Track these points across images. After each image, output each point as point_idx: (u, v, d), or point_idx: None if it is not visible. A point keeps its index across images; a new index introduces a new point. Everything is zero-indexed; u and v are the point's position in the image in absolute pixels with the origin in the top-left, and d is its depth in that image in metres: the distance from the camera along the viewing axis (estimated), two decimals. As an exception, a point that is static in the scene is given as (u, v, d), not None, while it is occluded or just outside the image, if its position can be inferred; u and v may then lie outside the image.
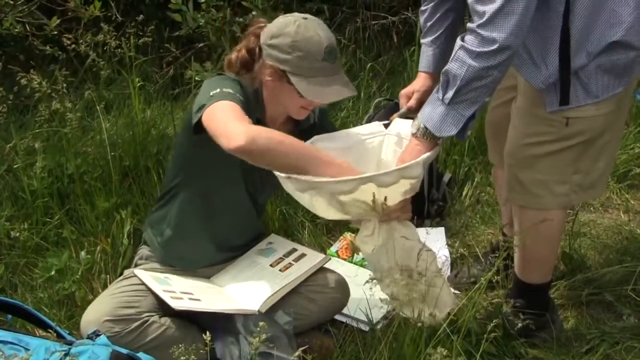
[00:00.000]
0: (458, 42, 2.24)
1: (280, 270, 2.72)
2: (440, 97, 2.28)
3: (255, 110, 2.52)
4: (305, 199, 2.36)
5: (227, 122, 2.29)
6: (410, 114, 2.70)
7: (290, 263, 2.75)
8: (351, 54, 4.92)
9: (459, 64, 2.21)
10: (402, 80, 4.77)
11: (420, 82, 2.84)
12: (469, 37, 2.21)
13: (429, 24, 2.84)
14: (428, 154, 2.33)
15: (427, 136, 2.33)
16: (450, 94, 2.25)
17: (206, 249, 2.76)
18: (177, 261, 2.75)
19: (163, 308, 2.55)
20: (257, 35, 2.56)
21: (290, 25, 2.45)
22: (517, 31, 2.15)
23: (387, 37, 5.40)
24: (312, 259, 2.77)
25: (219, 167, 2.59)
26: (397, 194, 2.30)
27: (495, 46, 2.15)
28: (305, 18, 2.49)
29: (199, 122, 2.36)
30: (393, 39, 5.37)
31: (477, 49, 2.18)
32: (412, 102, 2.79)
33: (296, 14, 2.54)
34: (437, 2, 2.79)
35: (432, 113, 2.31)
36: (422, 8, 2.86)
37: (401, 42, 5.32)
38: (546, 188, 2.56)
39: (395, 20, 5.34)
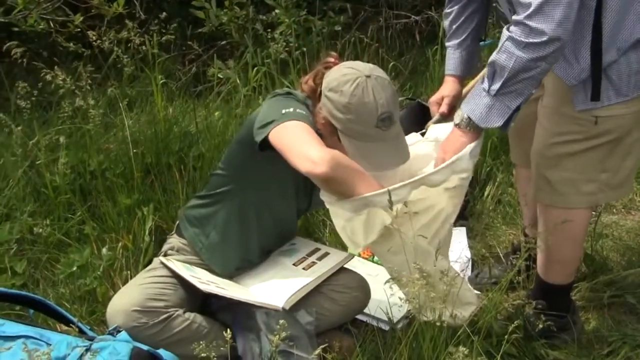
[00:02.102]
0: (505, 33, 2.23)
1: (303, 268, 2.72)
2: (487, 89, 2.26)
3: None
4: (352, 225, 2.34)
5: (306, 145, 2.27)
6: (444, 120, 2.70)
7: (313, 262, 2.76)
8: (374, 53, 4.91)
9: (507, 54, 2.20)
10: (424, 79, 4.77)
11: (448, 87, 2.83)
12: (515, 28, 2.19)
13: (454, 26, 2.82)
14: (473, 144, 2.31)
15: (470, 127, 2.32)
16: (497, 85, 2.23)
17: (249, 254, 2.78)
18: (219, 264, 2.74)
19: (189, 303, 2.57)
20: (324, 73, 2.51)
21: (350, 84, 2.37)
22: (565, 22, 2.14)
23: (410, 36, 5.40)
24: (336, 257, 2.78)
25: (274, 181, 2.61)
26: (447, 192, 2.32)
27: (544, 38, 2.14)
28: (368, 76, 2.38)
29: (266, 137, 2.35)
30: (416, 38, 5.37)
31: (526, 40, 2.16)
32: (444, 108, 2.78)
33: (362, 67, 2.43)
34: (462, 5, 2.78)
35: (477, 104, 2.30)
36: (447, 10, 2.84)
37: (424, 41, 5.32)
38: (574, 187, 2.54)
39: (418, 19, 5.34)
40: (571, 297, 2.89)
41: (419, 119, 2.86)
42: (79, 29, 4.03)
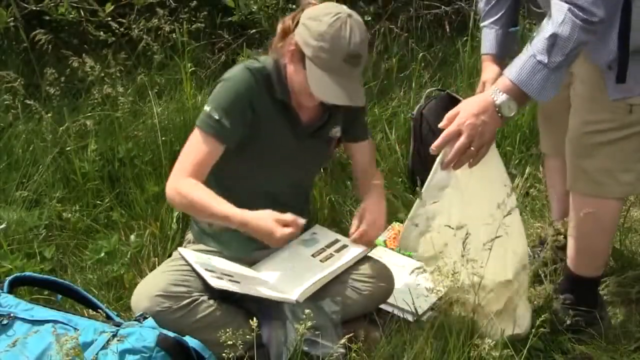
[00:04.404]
0: (563, 5, 2.16)
1: (321, 260, 2.72)
2: (545, 61, 2.17)
3: (280, 93, 2.61)
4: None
5: (177, 165, 2.58)
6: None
7: (331, 254, 2.74)
8: (403, 43, 4.89)
9: (569, 26, 2.14)
10: (454, 70, 4.74)
11: (488, 69, 2.80)
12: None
13: (488, 7, 2.81)
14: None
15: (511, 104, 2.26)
16: (559, 57, 2.17)
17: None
18: (232, 249, 2.75)
19: (212, 291, 2.56)
20: (304, 10, 2.57)
21: (330, 16, 2.45)
22: None
23: (440, 26, 5.36)
24: (353, 251, 2.75)
25: (239, 154, 2.62)
26: None
27: (602, 3, 2.12)
28: (350, 16, 2.47)
29: None
30: (445, 29, 5.33)
31: (589, 8, 2.13)
32: None
33: (346, 8, 2.52)
34: None
35: (530, 78, 2.21)
36: None
37: (453, 32, 5.28)
38: (611, 176, 2.51)
39: (449, 10, 5.30)
40: (599, 292, 2.87)
41: (447, 111, 2.84)
42: (109, 18, 4.05)
